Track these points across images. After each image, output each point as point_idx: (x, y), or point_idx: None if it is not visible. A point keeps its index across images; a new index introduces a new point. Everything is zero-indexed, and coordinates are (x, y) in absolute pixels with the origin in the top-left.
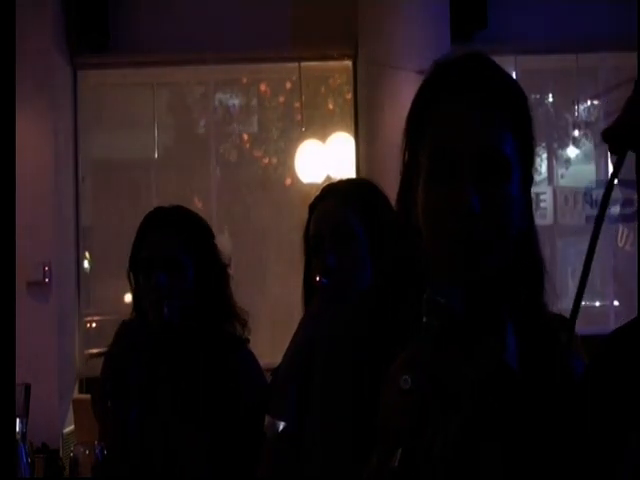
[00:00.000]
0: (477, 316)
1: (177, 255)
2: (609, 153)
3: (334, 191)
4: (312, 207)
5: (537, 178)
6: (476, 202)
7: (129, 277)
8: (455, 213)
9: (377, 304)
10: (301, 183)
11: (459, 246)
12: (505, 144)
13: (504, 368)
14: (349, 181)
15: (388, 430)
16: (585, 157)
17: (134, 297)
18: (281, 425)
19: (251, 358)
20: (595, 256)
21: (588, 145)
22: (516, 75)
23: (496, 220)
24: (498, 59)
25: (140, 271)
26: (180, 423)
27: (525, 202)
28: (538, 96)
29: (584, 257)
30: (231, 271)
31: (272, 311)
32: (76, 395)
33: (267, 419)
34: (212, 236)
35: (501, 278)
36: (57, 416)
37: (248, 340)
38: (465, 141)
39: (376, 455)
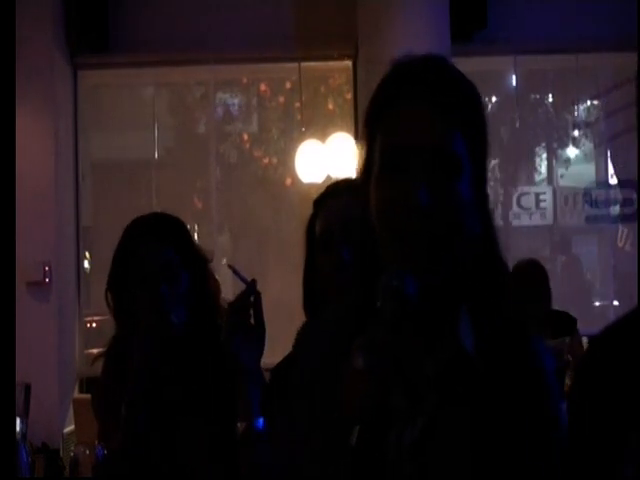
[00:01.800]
0: (433, 309)
1: (175, 263)
2: (609, 153)
3: (344, 188)
4: (318, 203)
5: (537, 178)
6: (424, 195)
7: (107, 295)
8: (404, 207)
9: (364, 300)
10: (301, 183)
11: (409, 240)
12: (455, 142)
13: (462, 357)
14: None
15: (345, 409)
16: (585, 157)
17: (120, 312)
18: (242, 427)
19: None
20: (595, 256)
21: (588, 145)
22: (516, 75)
23: (446, 215)
24: (498, 59)
25: (137, 285)
26: (190, 422)
27: (480, 200)
28: (538, 96)
29: (584, 257)
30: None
31: (272, 311)
32: (76, 395)
33: (240, 425)
34: (192, 237)
35: (459, 274)
36: (57, 416)
37: None
38: (415, 136)
39: (337, 434)
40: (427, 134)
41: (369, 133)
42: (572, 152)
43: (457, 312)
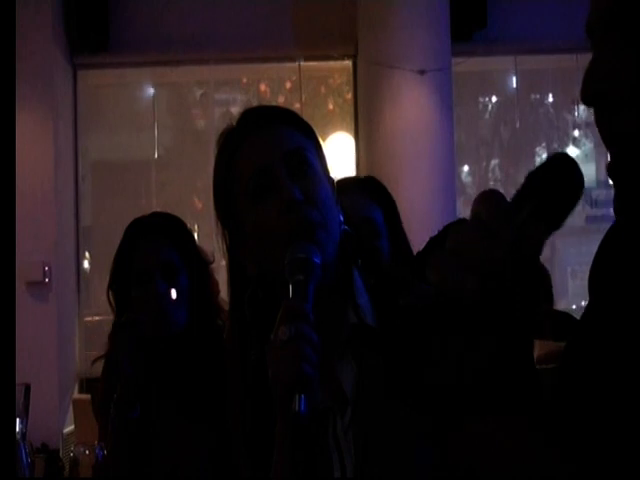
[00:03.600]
0: (329, 288)
1: (173, 261)
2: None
3: (352, 184)
4: None
5: None
6: (297, 191)
7: (109, 294)
8: (283, 208)
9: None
10: None
11: (296, 231)
12: (302, 144)
13: (362, 327)
14: (361, 178)
15: (280, 381)
16: (585, 157)
17: (121, 313)
18: None
19: None
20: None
21: (588, 145)
22: (516, 75)
23: (318, 202)
24: (498, 59)
25: (135, 283)
26: (188, 424)
27: (331, 187)
28: (538, 96)
29: (584, 257)
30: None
31: None
32: (76, 395)
33: None
34: (193, 237)
35: (341, 249)
36: (57, 416)
37: None
38: (270, 152)
39: (279, 410)
40: (280, 145)
41: (225, 190)
42: (572, 152)
43: (351, 282)
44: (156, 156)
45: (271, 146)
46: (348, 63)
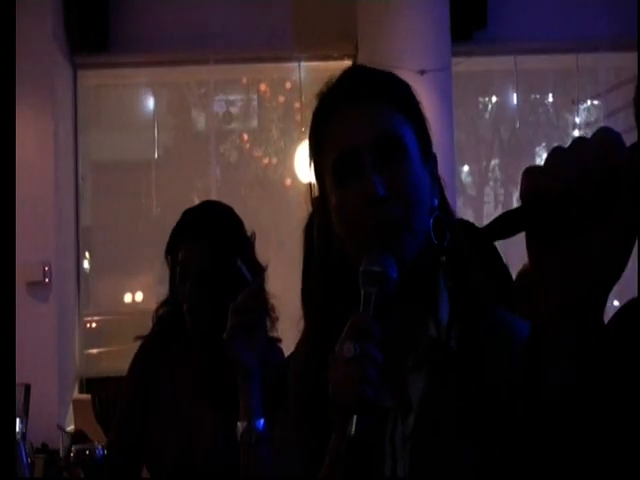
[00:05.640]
0: (413, 290)
1: (208, 267)
2: None
3: None
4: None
5: None
6: (380, 185)
7: (167, 257)
8: (364, 202)
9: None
10: (301, 183)
11: (377, 231)
12: (397, 127)
13: (439, 343)
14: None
15: (340, 400)
16: None
17: (170, 282)
18: (260, 428)
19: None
20: None
21: None
22: (516, 75)
23: (404, 197)
24: (498, 59)
25: (176, 272)
26: (206, 410)
27: (431, 179)
28: (538, 96)
29: None
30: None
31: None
32: (76, 395)
33: (240, 425)
34: (243, 234)
35: (429, 253)
36: (57, 416)
37: (280, 340)
38: (359, 134)
39: (336, 426)
40: (370, 127)
41: (316, 153)
42: None
43: (437, 290)
44: (156, 156)
45: (361, 127)
46: (348, 63)
